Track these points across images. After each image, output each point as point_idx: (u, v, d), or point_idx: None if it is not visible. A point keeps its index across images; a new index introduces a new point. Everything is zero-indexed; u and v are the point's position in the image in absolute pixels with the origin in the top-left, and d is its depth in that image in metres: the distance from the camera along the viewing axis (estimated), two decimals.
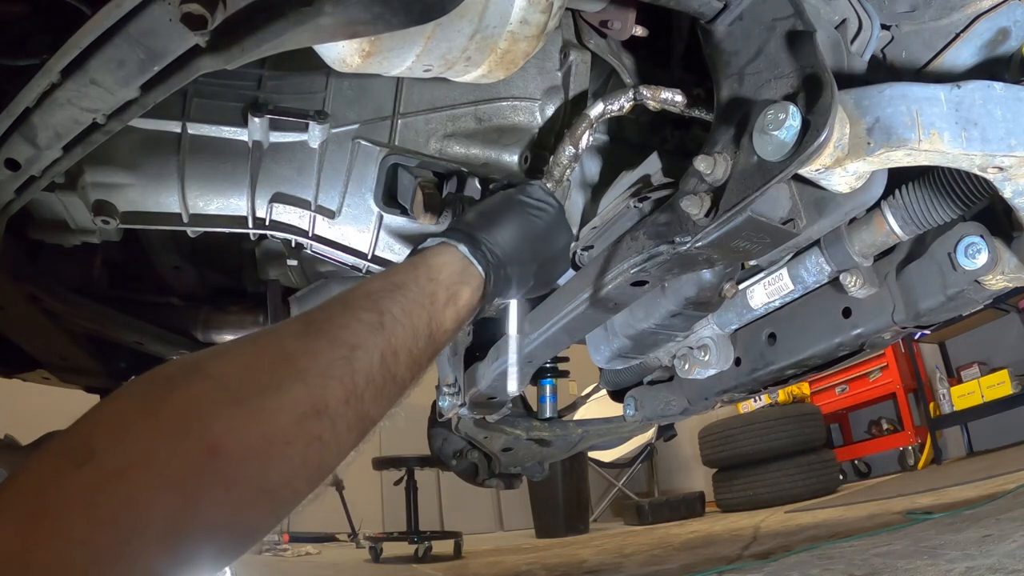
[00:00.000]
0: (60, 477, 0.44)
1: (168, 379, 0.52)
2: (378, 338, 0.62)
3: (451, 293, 0.72)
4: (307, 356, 0.57)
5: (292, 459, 0.52)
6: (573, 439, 1.70)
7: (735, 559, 2.15)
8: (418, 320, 0.67)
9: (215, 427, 0.49)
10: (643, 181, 1.00)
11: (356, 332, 0.61)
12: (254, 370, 0.55)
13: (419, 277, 0.71)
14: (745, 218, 0.74)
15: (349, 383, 0.57)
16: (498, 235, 0.79)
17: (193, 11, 0.65)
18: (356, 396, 0.57)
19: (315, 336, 0.59)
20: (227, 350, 0.57)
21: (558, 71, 1.12)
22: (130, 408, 0.50)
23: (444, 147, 1.12)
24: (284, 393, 0.53)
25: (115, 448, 0.46)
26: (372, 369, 0.60)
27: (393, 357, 0.62)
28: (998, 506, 2.06)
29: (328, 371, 0.57)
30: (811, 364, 1.10)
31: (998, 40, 0.85)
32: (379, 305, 0.65)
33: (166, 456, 0.46)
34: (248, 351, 0.57)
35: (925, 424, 5.14)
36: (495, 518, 6.71)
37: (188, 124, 1.07)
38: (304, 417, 0.53)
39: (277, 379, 0.54)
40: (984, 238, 0.82)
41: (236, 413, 0.50)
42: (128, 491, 0.43)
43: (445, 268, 0.73)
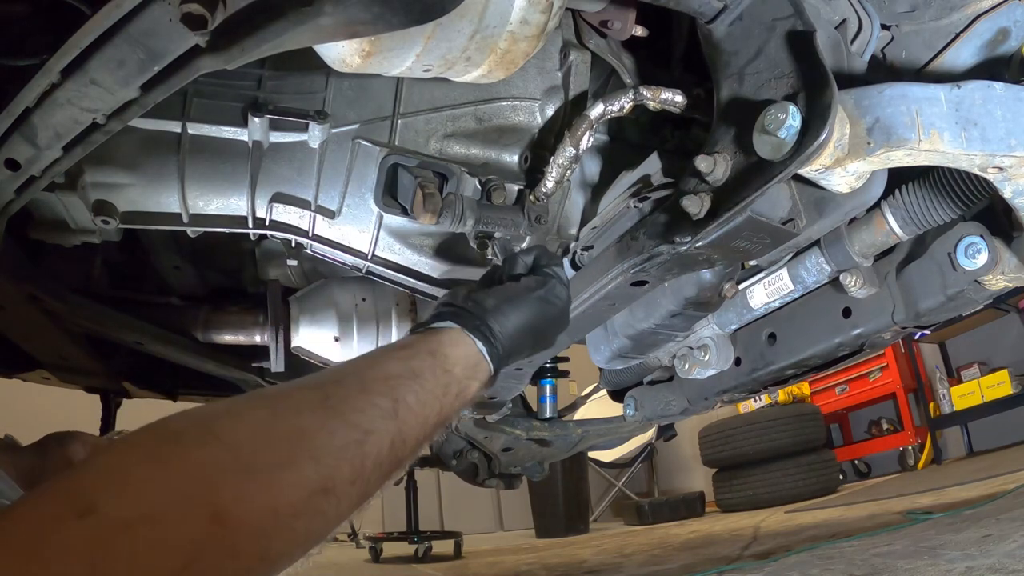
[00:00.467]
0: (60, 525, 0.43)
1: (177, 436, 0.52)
2: (390, 425, 0.64)
3: (462, 388, 0.75)
4: (322, 435, 0.58)
5: (296, 532, 0.54)
6: (573, 439, 1.71)
7: (735, 559, 2.15)
8: (430, 411, 0.70)
9: (224, 494, 0.49)
10: (643, 181, 1.00)
11: (371, 418, 0.63)
12: (268, 441, 0.56)
13: (436, 368, 0.73)
14: (745, 218, 0.74)
15: (359, 466, 0.59)
16: (512, 330, 0.81)
17: (193, 11, 0.65)
18: (363, 478, 0.60)
19: (331, 415, 0.61)
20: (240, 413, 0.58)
21: (558, 71, 1.12)
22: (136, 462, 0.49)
23: (444, 147, 1.12)
24: (297, 470, 0.54)
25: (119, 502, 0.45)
26: (381, 454, 0.62)
27: (402, 444, 0.65)
28: (998, 506, 2.06)
29: (341, 453, 0.58)
30: (811, 364, 1.10)
31: (998, 40, 0.85)
32: (395, 392, 0.67)
33: (172, 518, 0.46)
34: (263, 419, 0.58)
35: (925, 424, 5.14)
36: (495, 518, 6.71)
37: (188, 124, 1.07)
38: (313, 495, 0.55)
39: (291, 455, 0.55)
40: (984, 238, 0.82)
41: (247, 483, 0.51)
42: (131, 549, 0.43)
43: (460, 362, 0.76)
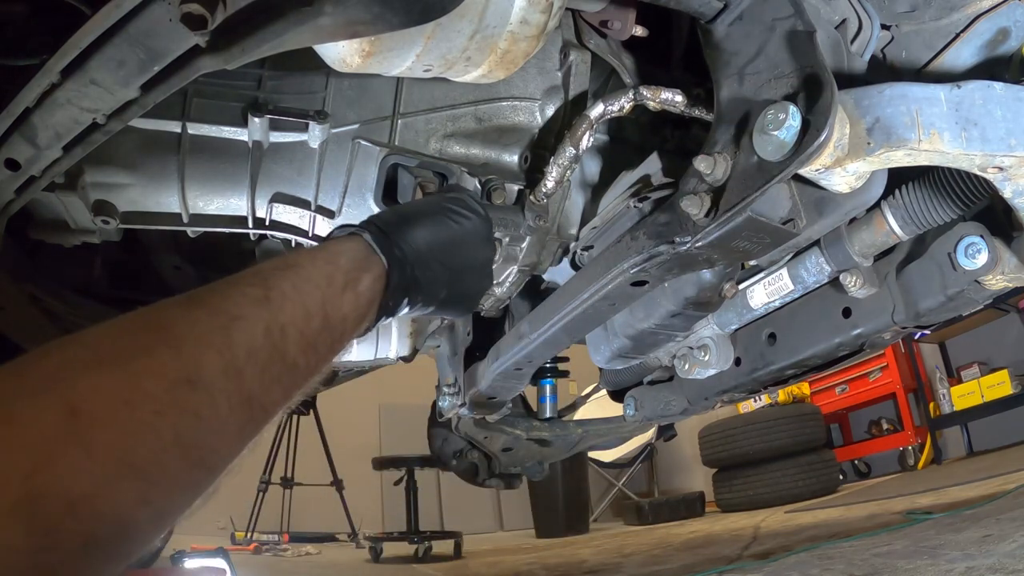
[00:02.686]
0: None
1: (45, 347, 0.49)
2: (262, 311, 0.58)
3: (350, 278, 0.69)
4: (182, 324, 0.53)
5: (162, 433, 0.48)
6: (573, 439, 1.70)
7: (735, 559, 2.15)
8: (310, 299, 0.63)
9: (78, 387, 0.45)
10: (643, 181, 1.00)
11: (238, 303, 0.57)
12: (126, 335, 0.52)
13: (316, 259, 0.69)
14: (745, 218, 0.74)
15: (227, 354, 0.53)
16: (410, 233, 0.77)
17: (193, 11, 0.65)
18: (235, 369, 0.53)
19: (194, 306, 0.56)
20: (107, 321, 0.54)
21: (558, 71, 1.12)
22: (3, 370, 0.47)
23: (444, 147, 1.12)
24: (154, 358, 0.50)
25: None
26: (254, 342, 0.56)
27: (280, 333, 0.58)
28: (998, 506, 2.06)
29: (204, 339, 0.53)
30: (811, 364, 1.10)
31: (998, 40, 0.85)
32: (267, 281, 0.62)
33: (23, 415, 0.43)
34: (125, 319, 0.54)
35: (925, 424, 5.15)
36: (495, 518, 6.71)
37: (188, 124, 1.07)
38: (175, 385, 0.49)
39: (148, 343, 0.51)
40: (984, 238, 0.82)
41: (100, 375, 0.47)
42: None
43: (346, 254, 0.71)
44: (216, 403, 0.51)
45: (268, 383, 0.57)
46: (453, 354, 1.53)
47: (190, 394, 0.50)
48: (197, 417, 0.50)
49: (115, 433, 0.45)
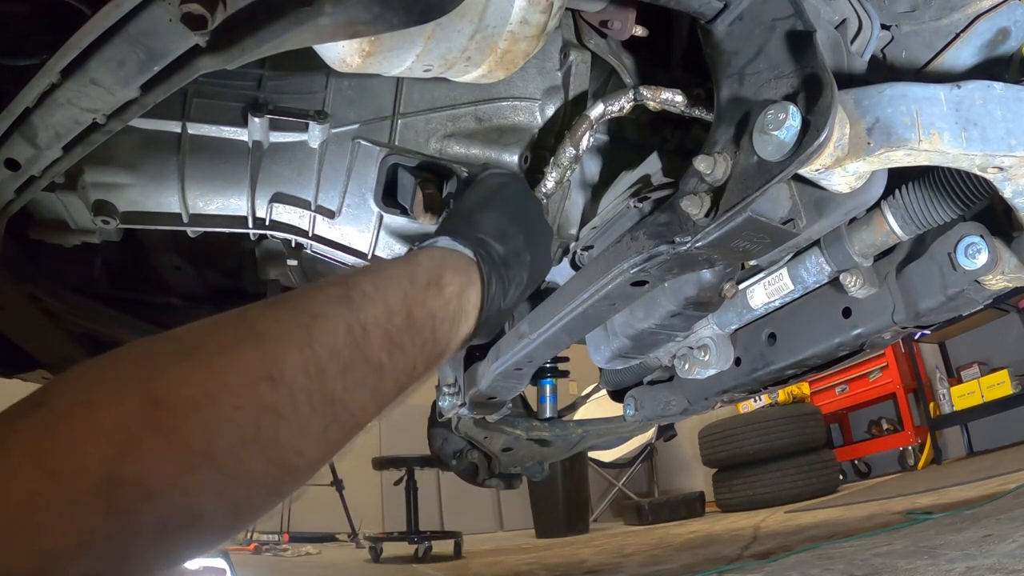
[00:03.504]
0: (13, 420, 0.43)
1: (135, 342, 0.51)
2: (343, 310, 0.58)
3: (432, 275, 0.68)
4: (265, 321, 0.55)
5: (242, 427, 0.48)
6: (573, 439, 1.70)
7: (735, 559, 2.15)
8: (392, 298, 0.63)
9: (163, 379, 0.47)
10: (643, 181, 1.00)
11: (319, 303, 0.58)
12: (211, 332, 0.53)
13: (398, 262, 0.69)
14: (745, 218, 0.74)
15: (308, 351, 0.54)
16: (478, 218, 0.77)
17: (193, 11, 0.65)
18: (317, 367, 0.54)
19: (278, 306, 0.57)
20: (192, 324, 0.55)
21: (558, 71, 1.12)
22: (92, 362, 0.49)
23: (444, 147, 1.12)
24: (237, 353, 0.51)
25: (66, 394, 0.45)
26: (336, 341, 0.56)
27: (362, 332, 0.58)
28: (998, 506, 2.06)
29: (284, 336, 0.53)
30: (811, 364, 1.10)
31: (998, 40, 0.85)
32: (348, 281, 0.62)
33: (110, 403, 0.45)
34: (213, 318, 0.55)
35: (925, 424, 5.15)
36: (495, 518, 6.71)
37: (188, 124, 1.07)
38: (257, 382, 0.50)
39: (231, 340, 0.52)
40: (984, 238, 0.82)
41: (185, 367, 0.48)
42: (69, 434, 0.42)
43: (426, 254, 0.71)
44: (297, 401, 0.51)
45: (352, 385, 0.56)
46: None
47: (270, 390, 0.50)
48: (277, 414, 0.50)
49: (195, 425, 0.46)
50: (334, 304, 0.58)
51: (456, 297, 0.70)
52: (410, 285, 0.65)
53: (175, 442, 0.45)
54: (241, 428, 0.48)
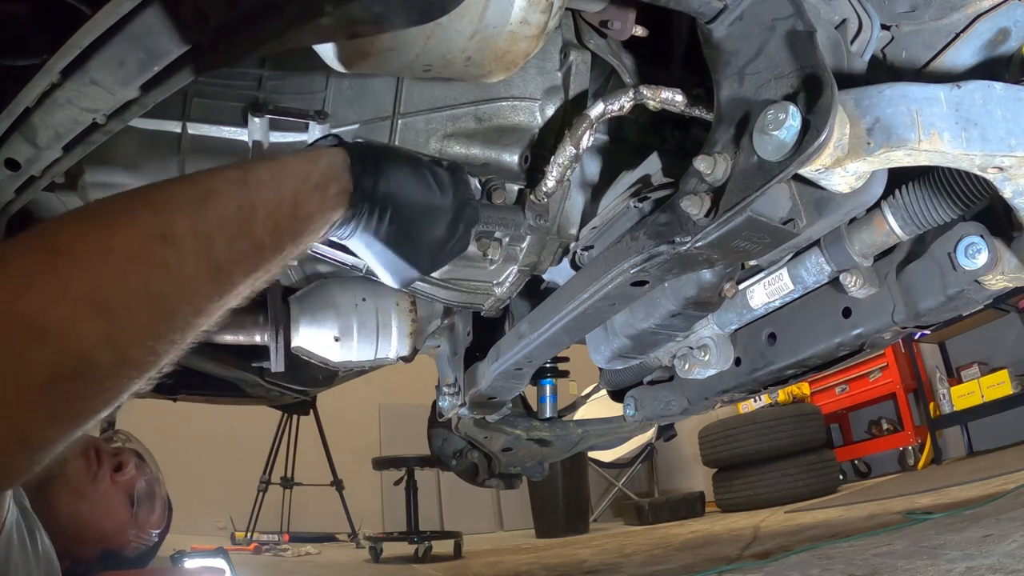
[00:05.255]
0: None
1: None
2: (237, 190, 0.63)
3: (322, 181, 0.73)
4: (163, 192, 0.60)
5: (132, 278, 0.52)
6: (573, 439, 1.70)
7: (735, 559, 2.15)
8: (284, 189, 0.68)
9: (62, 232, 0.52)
10: (643, 181, 1.00)
11: (216, 180, 0.63)
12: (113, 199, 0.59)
13: (299, 157, 0.74)
14: (745, 218, 0.74)
15: (199, 219, 0.58)
16: (388, 171, 0.81)
17: (193, 11, 0.65)
18: (206, 233, 0.58)
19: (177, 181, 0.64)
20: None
21: (558, 71, 1.12)
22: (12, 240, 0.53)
23: (444, 147, 1.12)
24: (133, 213, 0.55)
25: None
26: (226, 214, 0.61)
27: (251, 210, 0.63)
28: (998, 506, 2.06)
29: (179, 204, 0.59)
30: (811, 364, 1.10)
31: (998, 40, 0.85)
32: (247, 166, 0.68)
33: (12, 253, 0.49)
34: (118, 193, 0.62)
35: (925, 424, 5.15)
36: (495, 518, 6.71)
37: (188, 124, 1.07)
38: (149, 239, 0.54)
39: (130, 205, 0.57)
40: (984, 238, 0.82)
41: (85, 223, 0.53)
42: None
43: (325, 159, 0.75)
44: (184, 260, 0.56)
45: (235, 254, 0.61)
46: (453, 354, 1.53)
47: (161, 247, 0.55)
48: (166, 269, 0.55)
49: (90, 273, 0.50)
50: (229, 183, 0.64)
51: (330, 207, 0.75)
52: (302, 183, 0.70)
53: (69, 286, 0.49)
54: (131, 278, 0.52)
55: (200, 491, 4.63)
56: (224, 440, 5.13)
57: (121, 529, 1.56)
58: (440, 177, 0.88)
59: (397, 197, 0.81)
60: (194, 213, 0.58)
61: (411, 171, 0.84)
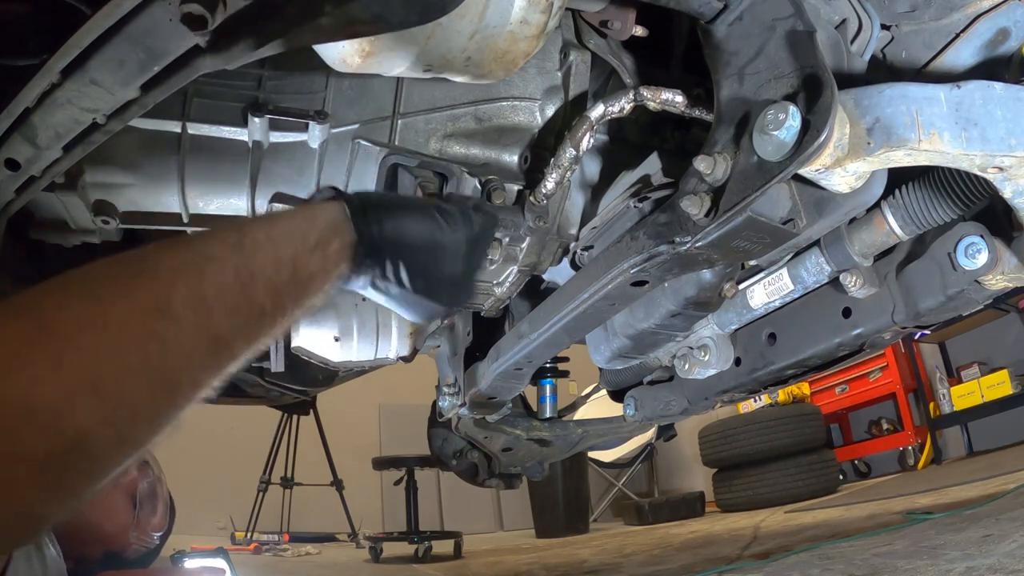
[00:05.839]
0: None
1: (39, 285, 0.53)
2: (234, 256, 0.60)
3: (322, 239, 0.71)
4: (158, 259, 0.57)
5: (128, 355, 0.50)
6: (573, 439, 1.70)
7: (735, 559, 2.15)
8: (283, 251, 0.65)
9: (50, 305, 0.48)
10: (643, 181, 1.00)
11: (212, 246, 0.60)
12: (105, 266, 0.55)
13: (296, 217, 0.71)
14: (745, 218, 0.74)
15: (198, 289, 0.56)
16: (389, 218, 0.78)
17: (193, 11, 0.65)
18: (204, 305, 0.56)
19: (173, 247, 0.60)
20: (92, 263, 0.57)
21: (558, 71, 1.12)
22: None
23: (444, 147, 1.12)
24: (127, 284, 0.53)
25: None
26: (224, 283, 0.58)
27: (249, 277, 0.61)
28: (998, 506, 2.06)
29: (175, 273, 0.56)
30: (811, 364, 1.10)
31: (998, 40, 0.85)
32: (243, 228, 0.65)
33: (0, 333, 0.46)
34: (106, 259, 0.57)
35: (925, 424, 5.14)
36: (495, 518, 6.71)
37: (188, 124, 1.07)
38: (145, 312, 0.51)
39: (122, 274, 0.54)
40: (984, 238, 0.82)
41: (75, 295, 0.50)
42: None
43: (324, 215, 0.73)
44: (182, 333, 0.53)
45: (235, 324, 0.59)
46: (453, 354, 1.53)
47: (158, 321, 0.52)
48: (163, 344, 0.52)
49: (82, 351, 0.47)
50: (226, 249, 0.61)
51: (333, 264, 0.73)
52: (301, 244, 0.68)
53: (61, 366, 0.46)
54: (127, 356, 0.49)
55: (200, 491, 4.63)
56: (224, 440, 5.12)
57: (123, 531, 1.56)
58: (449, 214, 0.85)
59: (405, 241, 0.79)
60: (191, 283, 0.56)
61: (415, 213, 0.82)
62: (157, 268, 0.55)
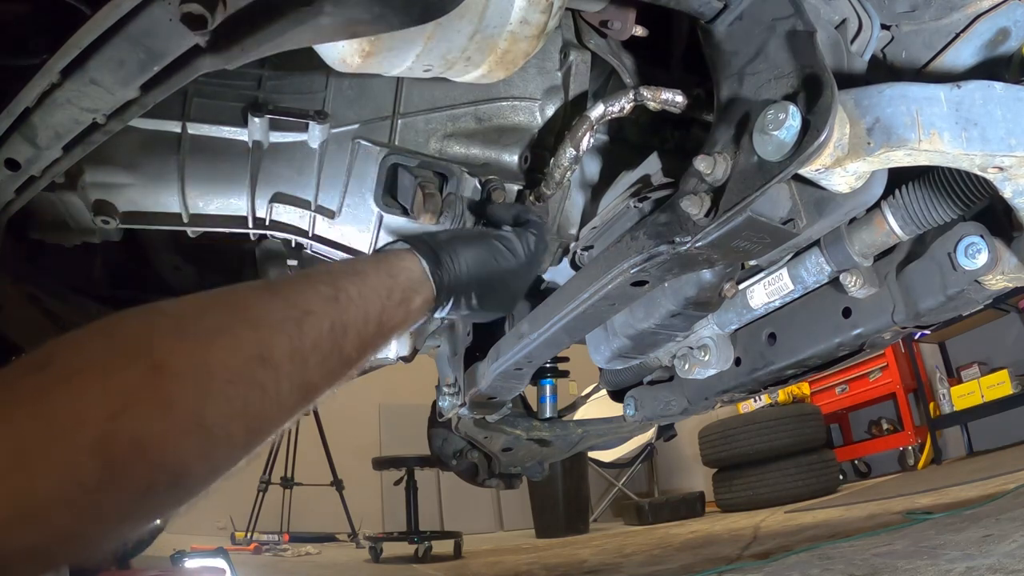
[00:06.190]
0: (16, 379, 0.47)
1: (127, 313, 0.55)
2: (330, 309, 0.65)
3: (406, 296, 0.77)
4: (260, 308, 0.60)
5: (233, 400, 0.53)
6: (573, 439, 1.70)
7: (735, 559, 2.15)
8: (371, 307, 0.71)
9: (162, 348, 0.51)
10: (643, 181, 1.00)
11: (310, 299, 0.64)
12: (208, 311, 0.58)
13: (380, 271, 0.77)
14: (745, 218, 0.74)
15: (296, 341, 0.60)
16: (458, 261, 0.86)
17: (193, 11, 0.65)
18: (301, 356, 0.60)
19: (272, 295, 0.63)
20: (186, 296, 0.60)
21: (558, 71, 1.12)
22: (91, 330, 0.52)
23: (444, 147, 1.12)
24: (233, 335, 0.56)
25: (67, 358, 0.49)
26: (320, 335, 0.62)
27: (342, 331, 0.65)
28: (998, 506, 2.06)
29: (279, 325, 0.59)
30: (811, 364, 1.10)
31: (998, 40, 0.85)
32: (337, 283, 0.69)
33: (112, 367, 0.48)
34: (206, 297, 0.60)
35: (925, 424, 5.14)
36: (495, 518, 6.71)
37: (188, 124, 1.07)
38: (249, 360, 0.55)
39: (228, 321, 0.57)
40: (984, 238, 0.82)
41: (184, 342, 0.53)
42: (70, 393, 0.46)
43: (404, 273, 0.79)
44: (280, 382, 0.57)
45: (324, 371, 0.63)
46: (453, 354, 1.52)
47: (260, 370, 0.56)
48: (263, 391, 0.56)
49: (192, 393, 0.51)
50: (323, 303, 0.65)
51: (414, 317, 0.80)
52: (387, 299, 0.74)
53: (172, 406, 0.49)
54: (232, 400, 0.53)
55: None
56: None
57: None
58: (508, 240, 0.94)
59: (477, 278, 0.87)
60: (292, 335, 0.60)
61: (480, 248, 0.90)
62: (260, 318, 0.59)
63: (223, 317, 0.58)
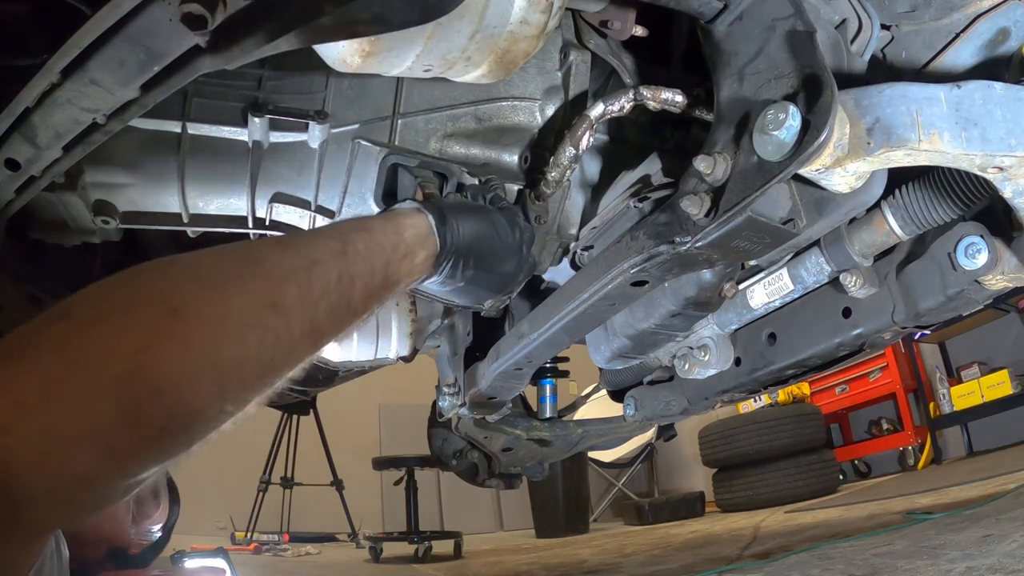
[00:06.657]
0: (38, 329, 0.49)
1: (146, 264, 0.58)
2: (338, 262, 0.69)
3: (410, 250, 0.80)
4: (272, 258, 0.64)
5: (247, 344, 0.56)
6: (573, 439, 1.70)
7: (735, 559, 2.15)
8: (377, 260, 0.74)
9: (179, 294, 0.54)
10: (643, 181, 1.00)
11: (319, 251, 0.68)
12: (223, 261, 0.61)
13: (387, 228, 0.80)
14: (745, 218, 0.74)
15: (305, 288, 0.63)
16: (463, 225, 0.89)
17: (193, 11, 0.65)
18: (311, 303, 0.63)
19: (283, 247, 0.67)
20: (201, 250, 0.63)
21: (558, 71, 1.12)
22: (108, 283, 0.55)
23: (444, 147, 1.12)
24: (247, 282, 0.59)
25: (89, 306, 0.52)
26: (328, 285, 0.66)
27: (350, 282, 0.69)
28: (998, 506, 2.06)
29: (289, 274, 0.63)
30: (811, 364, 1.10)
31: (998, 40, 0.85)
32: (346, 237, 0.72)
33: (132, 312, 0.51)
34: (219, 250, 0.64)
35: (925, 424, 5.14)
36: (495, 518, 6.71)
37: (188, 124, 1.07)
38: (262, 306, 0.58)
39: (241, 271, 0.60)
40: (984, 238, 0.82)
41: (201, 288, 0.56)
42: (94, 335, 0.48)
43: (411, 228, 0.82)
44: (291, 327, 0.60)
45: (332, 320, 0.67)
46: (453, 354, 1.53)
47: (272, 316, 0.59)
48: (275, 337, 0.59)
49: (207, 336, 0.53)
50: (331, 255, 0.69)
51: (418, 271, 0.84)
52: (392, 252, 0.77)
53: (188, 348, 0.51)
54: (246, 343, 0.56)
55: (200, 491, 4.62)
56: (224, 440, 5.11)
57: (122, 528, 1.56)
58: (510, 214, 0.97)
59: (475, 246, 0.90)
60: (301, 283, 0.63)
61: (482, 218, 0.93)
62: (272, 267, 0.62)
63: (237, 266, 0.60)
